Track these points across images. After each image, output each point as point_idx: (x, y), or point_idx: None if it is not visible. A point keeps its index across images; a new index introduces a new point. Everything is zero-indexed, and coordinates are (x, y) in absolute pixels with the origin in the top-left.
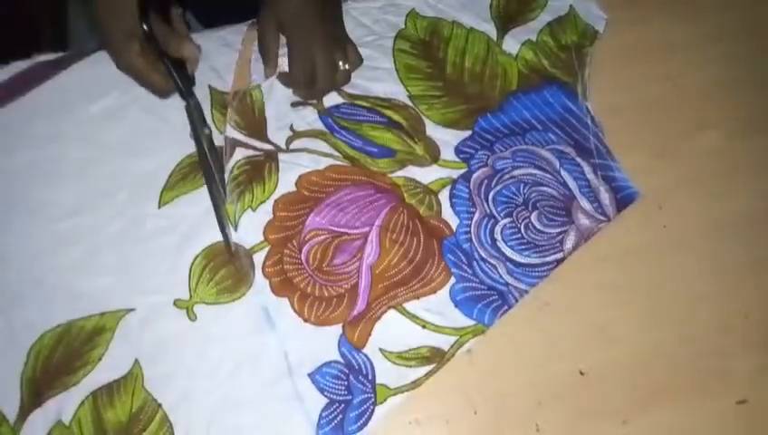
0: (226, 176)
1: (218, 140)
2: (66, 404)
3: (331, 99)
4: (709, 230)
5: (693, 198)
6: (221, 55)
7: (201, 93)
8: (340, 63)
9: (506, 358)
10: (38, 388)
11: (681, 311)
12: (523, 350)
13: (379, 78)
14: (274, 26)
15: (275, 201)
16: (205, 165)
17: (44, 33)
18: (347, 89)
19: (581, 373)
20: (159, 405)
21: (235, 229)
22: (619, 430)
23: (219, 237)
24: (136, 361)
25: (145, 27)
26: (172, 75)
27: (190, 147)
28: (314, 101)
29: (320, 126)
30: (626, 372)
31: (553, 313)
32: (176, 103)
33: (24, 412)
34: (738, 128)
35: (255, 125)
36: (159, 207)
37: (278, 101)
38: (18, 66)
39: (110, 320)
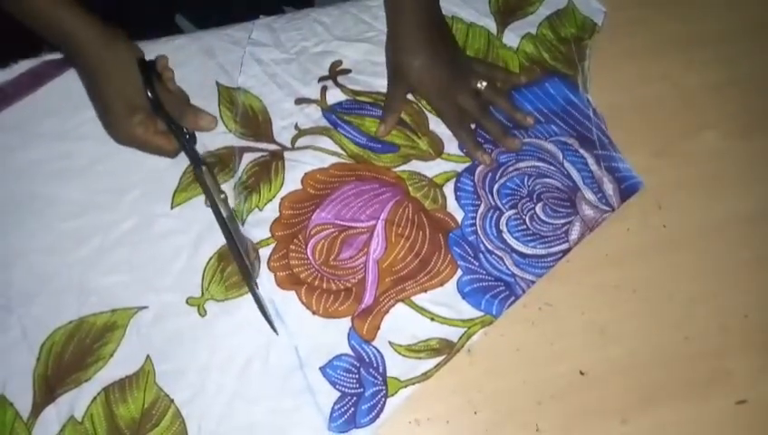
0: (235, 182)
1: (226, 140)
2: (78, 400)
3: (334, 96)
4: (709, 230)
5: (693, 197)
6: (229, 53)
7: (209, 90)
8: (478, 85)
9: (506, 358)
10: (50, 384)
11: (681, 311)
12: (523, 350)
13: (380, 73)
14: (405, 91)
15: (282, 199)
16: (224, 229)
17: None
18: (349, 85)
19: (581, 373)
20: (172, 401)
21: (242, 226)
22: (619, 429)
23: None
24: (147, 357)
25: (150, 95)
26: (183, 143)
27: (201, 146)
28: (489, 158)
29: (324, 123)
30: (626, 372)
31: (553, 313)
32: None
33: (37, 409)
34: (738, 128)
35: (261, 128)
36: (172, 207)
37: (281, 99)
38: (25, 65)
39: (122, 317)
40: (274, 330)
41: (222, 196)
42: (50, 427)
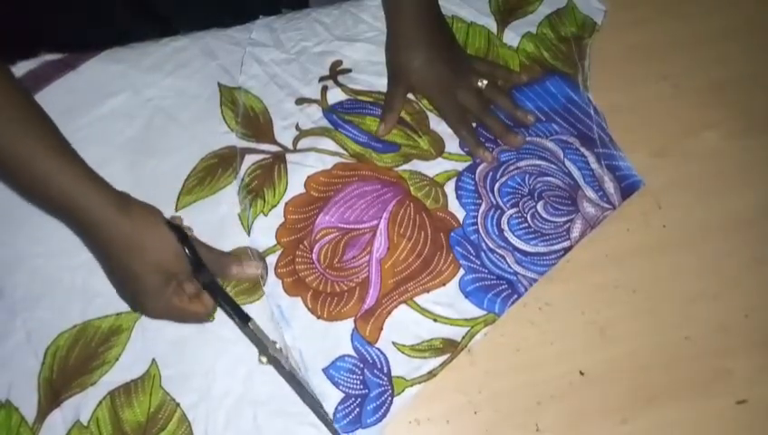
0: (238, 185)
1: (228, 140)
2: (84, 404)
3: (335, 95)
4: (709, 230)
5: (693, 197)
6: (230, 54)
7: (211, 91)
8: (479, 84)
9: (506, 358)
10: (55, 388)
11: (681, 311)
12: (523, 350)
13: (380, 73)
14: (405, 90)
15: (286, 204)
16: (292, 382)
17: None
18: (349, 84)
19: (581, 373)
20: (178, 405)
21: (249, 234)
22: (619, 429)
23: (238, 243)
24: (153, 361)
25: (189, 254)
26: (225, 301)
27: (204, 148)
28: (491, 155)
29: (325, 123)
30: (626, 372)
31: (553, 313)
32: (185, 102)
33: (43, 413)
34: (738, 128)
35: (262, 128)
36: (176, 210)
37: (282, 100)
38: (25, 67)
39: (127, 320)
40: None
41: (277, 346)
42: (55, 431)
